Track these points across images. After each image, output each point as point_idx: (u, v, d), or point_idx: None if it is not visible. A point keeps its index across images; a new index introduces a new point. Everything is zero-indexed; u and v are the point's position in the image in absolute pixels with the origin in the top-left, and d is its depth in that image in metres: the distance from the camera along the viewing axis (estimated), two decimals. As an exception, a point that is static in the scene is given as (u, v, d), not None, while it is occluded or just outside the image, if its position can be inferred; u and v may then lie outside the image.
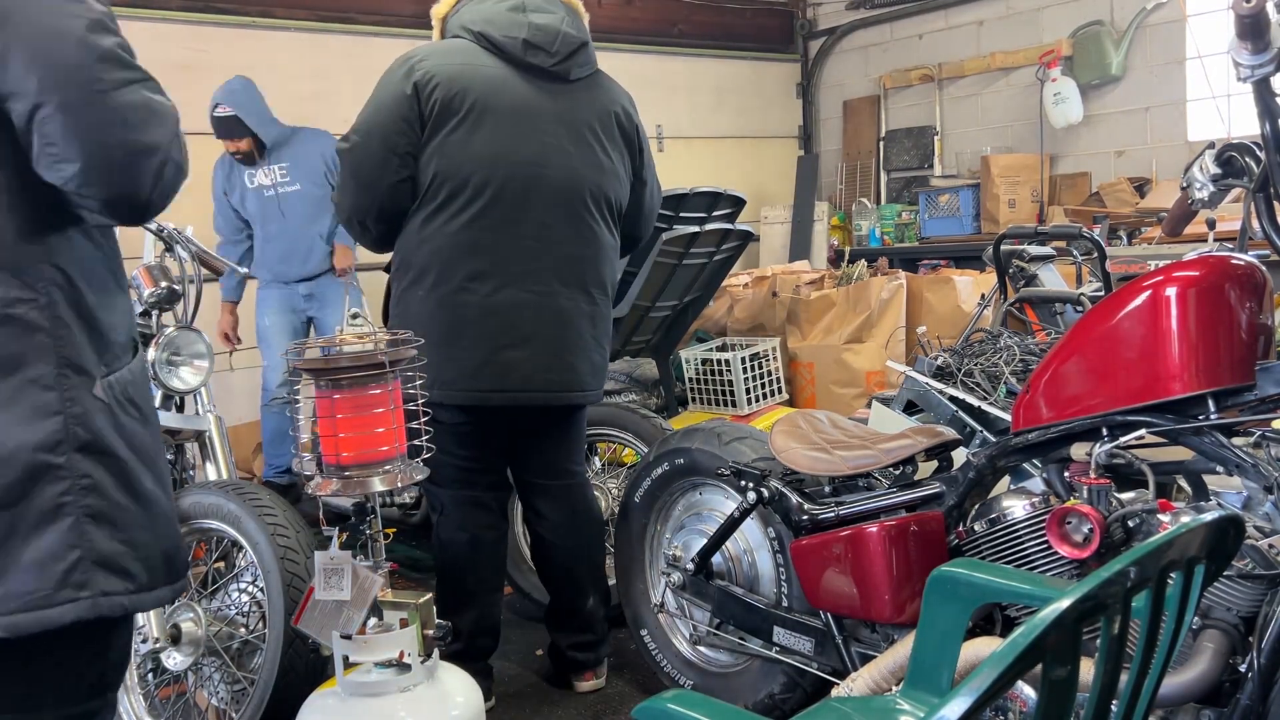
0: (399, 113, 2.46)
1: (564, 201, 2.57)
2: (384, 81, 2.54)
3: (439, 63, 2.50)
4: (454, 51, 2.54)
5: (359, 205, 2.55)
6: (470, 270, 2.50)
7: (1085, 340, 1.83)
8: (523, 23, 2.54)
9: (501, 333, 2.52)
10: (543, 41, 2.55)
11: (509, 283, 2.52)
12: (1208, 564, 1.06)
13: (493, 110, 2.50)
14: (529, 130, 2.53)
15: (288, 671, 2.20)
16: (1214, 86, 5.35)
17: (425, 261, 2.52)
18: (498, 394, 2.54)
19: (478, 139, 2.49)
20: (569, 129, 2.59)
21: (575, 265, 2.61)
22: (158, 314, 2.68)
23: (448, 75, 2.48)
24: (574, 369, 2.62)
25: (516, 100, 2.53)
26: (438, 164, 2.48)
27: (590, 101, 2.64)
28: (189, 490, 2.55)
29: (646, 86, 6.79)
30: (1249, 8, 1.59)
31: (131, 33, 1.35)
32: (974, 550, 1.94)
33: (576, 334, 2.62)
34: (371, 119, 2.50)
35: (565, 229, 2.58)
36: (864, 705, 1.57)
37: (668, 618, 2.69)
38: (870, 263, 6.05)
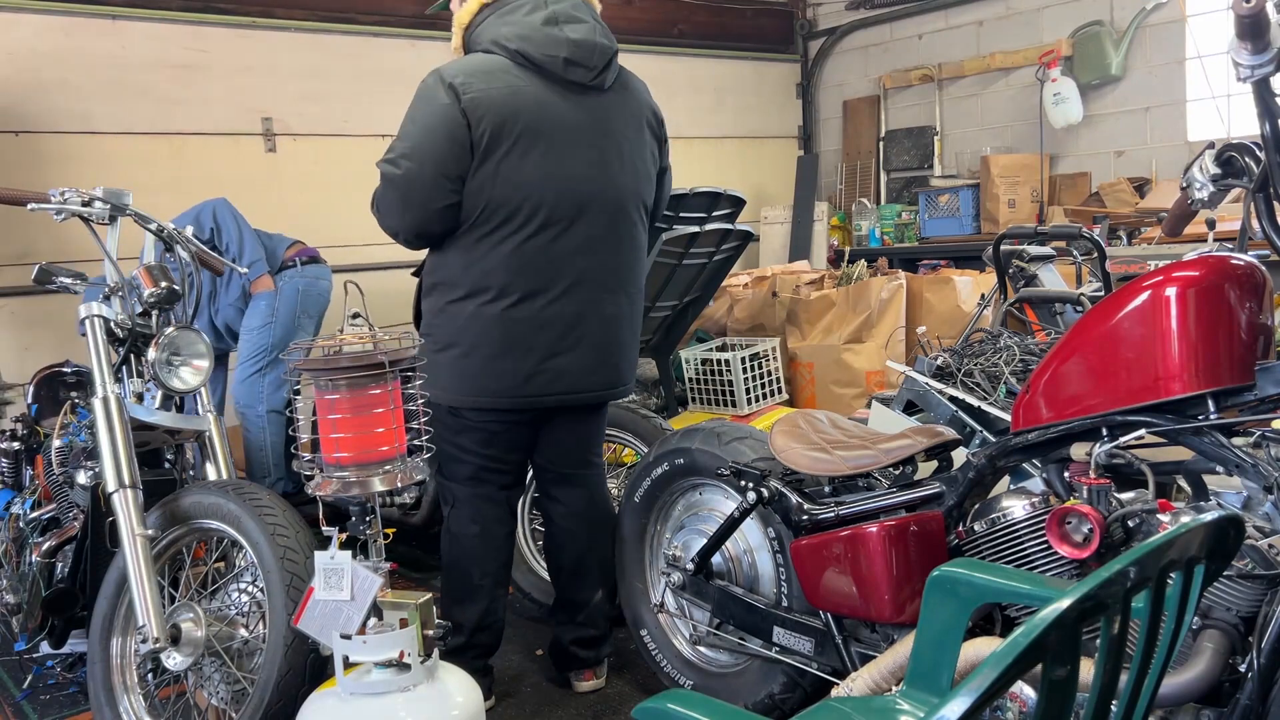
0: (452, 137, 2.45)
1: (609, 213, 2.63)
2: (428, 103, 2.49)
3: (484, 87, 2.47)
4: (495, 73, 2.51)
5: (408, 225, 2.55)
6: (523, 290, 2.54)
7: (1085, 340, 1.83)
8: (561, 39, 2.53)
9: (553, 342, 2.58)
10: (582, 58, 2.55)
11: (560, 298, 2.57)
12: (1208, 564, 1.06)
13: (540, 133, 2.51)
14: (575, 149, 2.56)
15: (288, 671, 2.20)
16: (1214, 86, 5.34)
17: (476, 280, 2.54)
18: (549, 397, 2.62)
19: (528, 164, 2.50)
20: (609, 140, 2.63)
21: (618, 272, 2.68)
22: (158, 314, 2.67)
23: (496, 101, 2.47)
24: (617, 368, 2.72)
25: (561, 120, 2.55)
26: (490, 191, 2.49)
27: (623, 106, 2.68)
28: (189, 490, 2.55)
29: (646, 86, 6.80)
30: (1249, 8, 1.59)
31: (132, 33, 1.36)
32: (974, 550, 1.94)
33: (619, 335, 2.71)
34: (422, 143, 2.47)
35: (610, 239, 2.64)
36: (864, 705, 1.57)
37: (668, 618, 2.69)
38: (870, 263, 6.05)
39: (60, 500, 3.02)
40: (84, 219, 2.68)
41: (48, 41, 4.58)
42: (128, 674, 2.51)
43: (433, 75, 2.52)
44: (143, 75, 4.77)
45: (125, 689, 2.50)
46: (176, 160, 4.86)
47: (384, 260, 4.86)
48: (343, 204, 5.01)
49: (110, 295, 2.66)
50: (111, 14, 4.69)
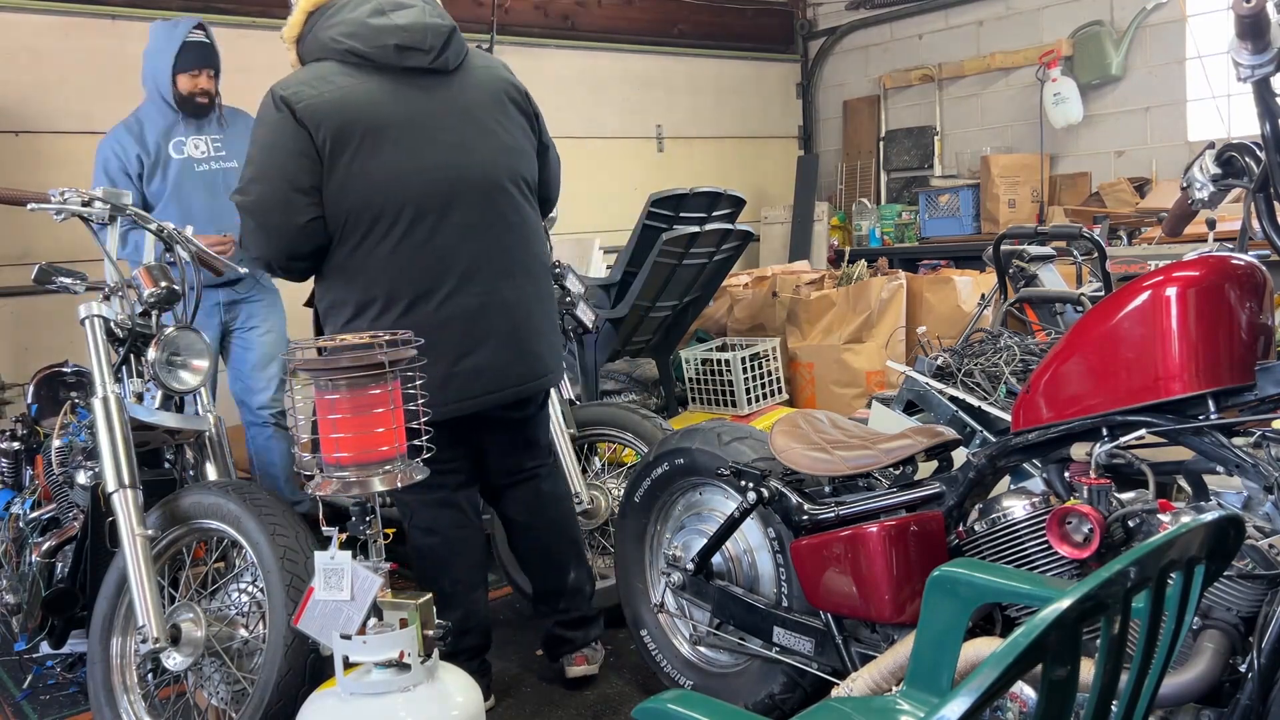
0: (295, 150, 2.37)
1: (482, 195, 2.53)
2: (264, 125, 2.42)
3: (316, 94, 2.38)
4: (325, 78, 2.42)
5: (275, 251, 2.46)
6: (412, 292, 2.46)
7: (1085, 340, 1.83)
8: (388, 27, 2.44)
9: (459, 342, 2.49)
10: (413, 41, 2.45)
11: (453, 292, 2.48)
12: (1208, 564, 1.06)
13: (386, 128, 2.42)
14: (428, 136, 2.47)
15: (288, 671, 2.20)
16: (1214, 86, 5.35)
17: (363, 294, 2.46)
18: (471, 400, 2.52)
19: (381, 163, 2.41)
20: (466, 120, 2.52)
21: (508, 254, 2.58)
22: (157, 314, 2.67)
23: (330, 106, 2.38)
24: (537, 355, 2.63)
25: (405, 110, 2.45)
26: (348, 198, 2.41)
27: (477, 85, 2.58)
28: (189, 490, 2.55)
29: (646, 86, 6.80)
30: (1249, 8, 1.59)
31: (131, 33, 1.36)
32: (974, 550, 1.94)
33: (529, 320, 2.61)
34: (267, 163, 2.39)
35: (490, 221, 2.54)
36: (864, 705, 1.57)
37: (668, 618, 2.69)
38: (870, 263, 6.06)
39: (60, 500, 3.02)
40: (84, 219, 2.68)
41: (48, 41, 4.58)
42: (128, 674, 2.51)
43: (266, 95, 2.44)
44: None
45: (125, 689, 2.50)
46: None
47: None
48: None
49: (110, 295, 2.66)
50: (111, 14, 4.69)
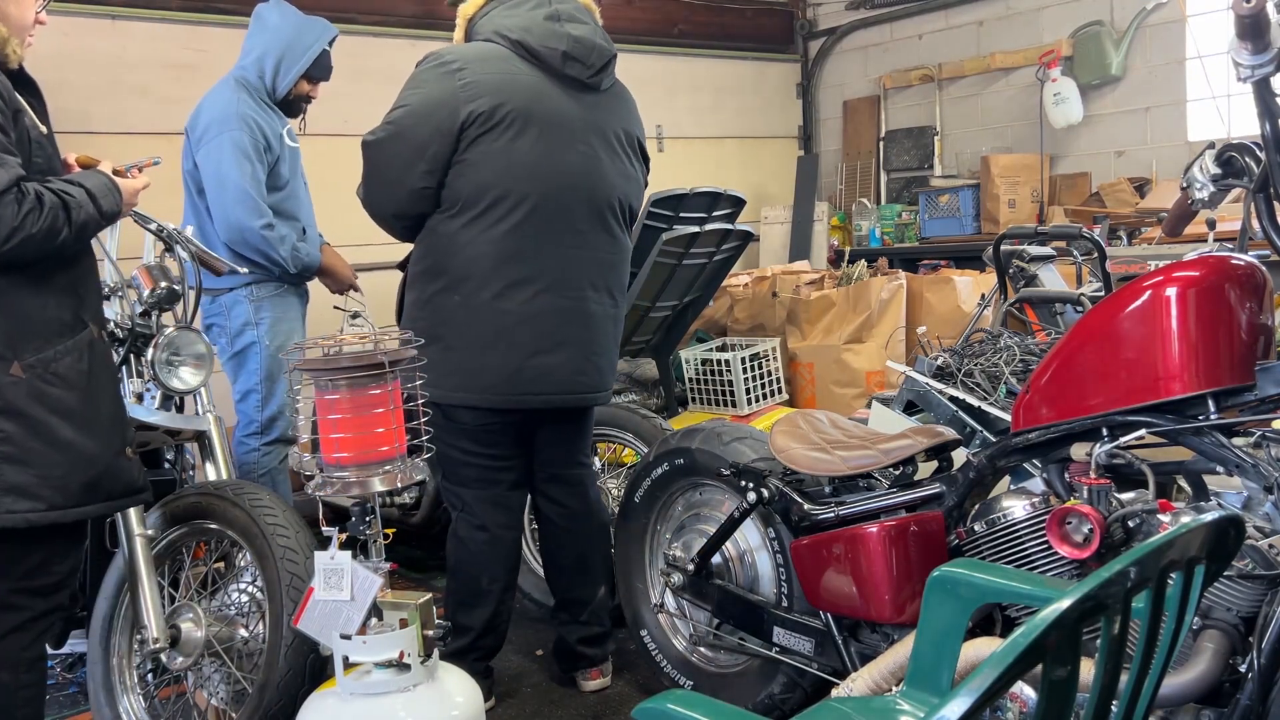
0: (436, 120, 2.46)
1: (597, 210, 2.63)
2: (422, 82, 2.51)
3: (481, 71, 2.48)
4: (492, 59, 2.52)
5: (380, 203, 2.57)
6: (510, 278, 2.52)
7: (1085, 340, 1.83)
8: (561, 34, 2.55)
9: (539, 338, 2.55)
10: (581, 54, 2.57)
11: (546, 289, 2.55)
12: (1208, 564, 1.06)
13: (533, 120, 2.51)
14: (567, 140, 2.56)
15: (288, 671, 2.20)
16: (1214, 86, 5.34)
17: (463, 268, 2.52)
18: (536, 396, 2.59)
19: (520, 149, 2.50)
20: (600, 139, 2.64)
21: (604, 270, 2.67)
22: (157, 314, 2.67)
23: (491, 85, 2.48)
24: (600, 370, 2.70)
25: (555, 110, 2.55)
26: (480, 174, 2.49)
27: (616, 111, 2.71)
28: (189, 490, 2.55)
29: (646, 86, 6.79)
30: (1249, 8, 1.59)
31: (131, 33, 1.36)
32: (974, 550, 1.94)
33: (603, 336, 2.69)
34: (405, 120, 2.48)
35: (597, 236, 2.64)
36: (864, 705, 1.57)
37: (668, 618, 2.69)
38: (870, 263, 6.05)
39: (60, 500, 3.02)
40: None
41: (48, 41, 4.56)
42: (128, 674, 2.51)
43: (430, 57, 2.53)
44: (142, 75, 4.77)
45: (125, 689, 2.50)
46: (177, 160, 4.85)
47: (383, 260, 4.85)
48: (342, 204, 4.99)
49: (110, 295, 2.66)
50: (111, 14, 4.69)
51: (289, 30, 3.50)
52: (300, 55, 3.49)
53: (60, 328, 1.97)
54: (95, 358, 2.03)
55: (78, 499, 1.97)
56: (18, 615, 1.99)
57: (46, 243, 1.89)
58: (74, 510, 1.97)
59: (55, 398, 1.93)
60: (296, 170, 3.61)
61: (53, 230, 1.89)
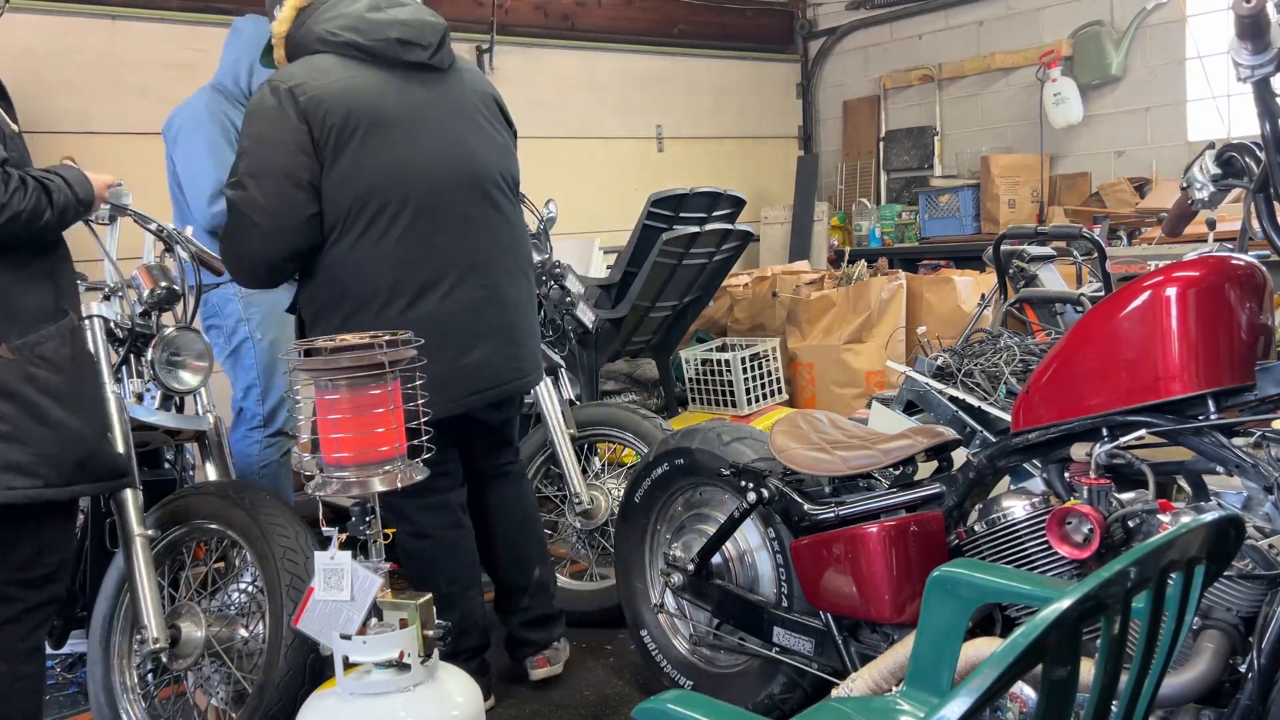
0: (294, 144, 2.35)
1: (478, 189, 2.55)
2: (261, 118, 2.39)
3: (318, 85, 2.37)
4: (326, 69, 2.41)
5: (270, 250, 2.42)
6: (416, 285, 2.44)
7: (1085, 340, 1.83)
8: (389, 21, 2.45)
9: (464, 336, 2.48)
10: (414, 36, 2.47)
11: (455, 286, 2.48)
12: (1208, 564, 1.06)
13: (388, 120, 2.42)
14: (428, 129, 2.48)
15: (288, 671, 2.20)
16: (1214, 86, 5.34)
17: (365, 287, 2.42)
18: (476, 395, 2.53)
19: (383, 154, 2.41)
20: (460, 116, 2.55)
21: (506, 250, 2.61)
22: (157, 314, 2.67)
23: (333, 96, 2.37)
24: (530, 352, 2.68)
25: (406, 103, 2.46)
26: (350, 190, 2.39)
27: (466, 84, 2.62)
28: (189, 490, 2.56)
29: (646, 86, 6.80)
30: (1249, 8, 1.59)
31: (131, 33, 1.36)
32: (974, 550, 1.94)
33: (524, 319, 2.66)
34: (266, 159, 2.36)
35: (488, 217, 2.57)
36: (864, 705, 1.57)
37: (668, 618, 2.69)
38: (870, 263, 6.05)
39: (60, 500, 3.02)
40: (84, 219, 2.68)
41: (48, 41, 4.58)
42: (128, 674, 2.51)
43: (262, 86, 2.42)
44: (142, 75, 4.77)
45: (125, 689, 2.50)
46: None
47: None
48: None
49: (110, 295, 2.66)
50: (111, 14, 4.69)
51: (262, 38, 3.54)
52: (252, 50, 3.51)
53: (43, 313, 2.04)
54: (77, 343, 2.11)
55: (70, 477, 2.03)
56: (12, 607, 2.03)
57: (31, 223, 1.96)
58: (67, 489, 2.04)
59: (43, 379, 1.99)
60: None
61: (37, 210, 1.97)
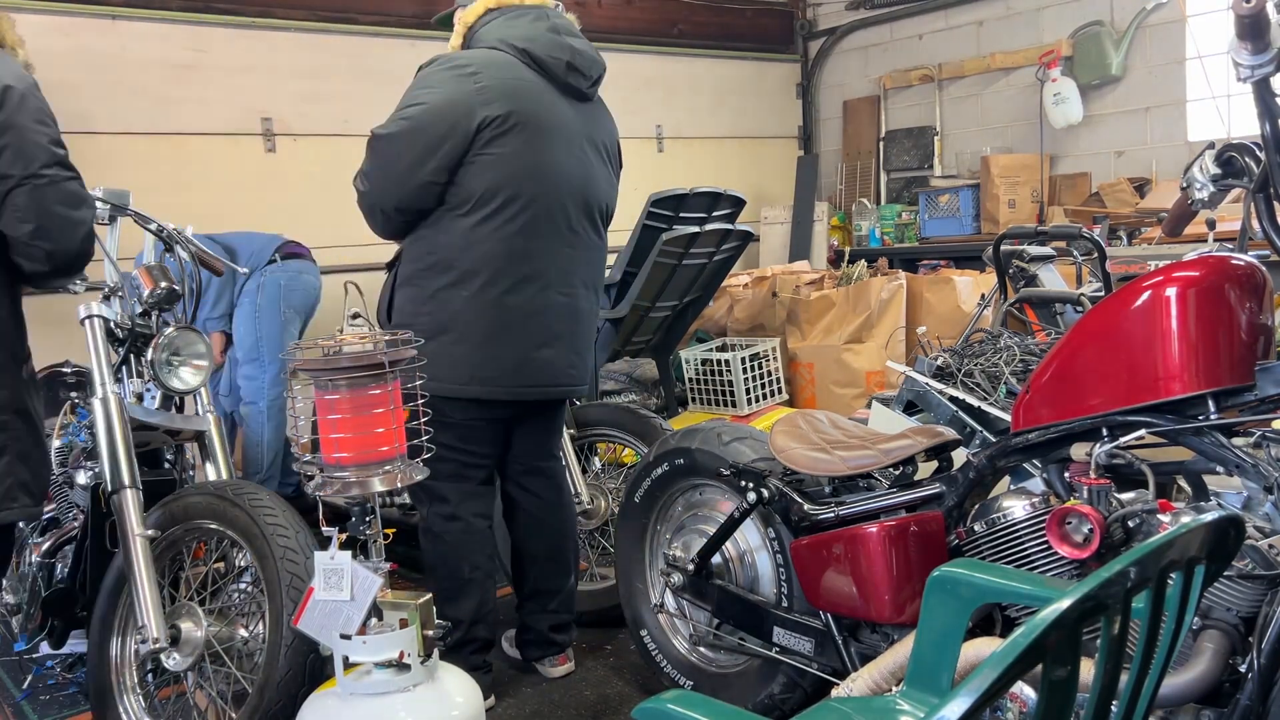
0: (453, 119, 2.51)
1: (588, 212, 2.76)
2: (437, 82, 2.56)
3: (493, 76, 2.56)
4: (502, 65, 2.60)
5: (384, 195, 2.59)
6: (518, 274, 2.62)
7: (1085, 340, 1.83)
8: (565, 45, 2.67)
9: (540, 332, 2.66)
10: (582, 65, 2.70)
11: (548, 286, 2.67)
12: (1208, 564, 1.06)
13: (540, 126, 2.61)
14: (567, 145, 2.68)
15: (288, 671, 2.20)
16: (1214, 86, 5.34)
17: (474, 264, 2.58)
18: (535, 389, 2.69)
19: (530, 152, 2.59)
20: (591, 146, 2.77)
21: (592, 269, 2.82)
22: (157, 314, 2.67)
23: (503, 90, 2.56)
24: (586, 364, 2.83)
25: (558, 117, 2.67)
26: (494, 174, 2.56)
27: (602, 121, 2.86)
28: (189, 490, 2.55)
29: (646, 86, 6.80)
30: (1249, 8, 1.59)
31: (132, 33, 1.36)
32: (974, 550, 1.94)
33: (588, 331, 2.83)
34: (423, 117, 2.52)
35: (588, 236, 2.78)
36: (864, 705, 1.57)
37: (668, 618, 2.69)
38: (870, 263, 6.06)
39: (60, 500, 3.02)
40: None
41: (48, 41, 4.57)
42: (127, 674, 2.51)
43: (440, 60, 2.61)
44: (142, 75, 4.77)
45: (125, 689, 2.50)
46: (176, 160, 4.86)
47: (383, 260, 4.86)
48: (342, 204, 4.98)
49: (110, 295, 2.66)
50: (111, 14, 4.69)
51: None
52: None
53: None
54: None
55: (41, 498, 2.21)
56: None
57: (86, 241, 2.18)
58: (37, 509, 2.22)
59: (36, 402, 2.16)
60: None
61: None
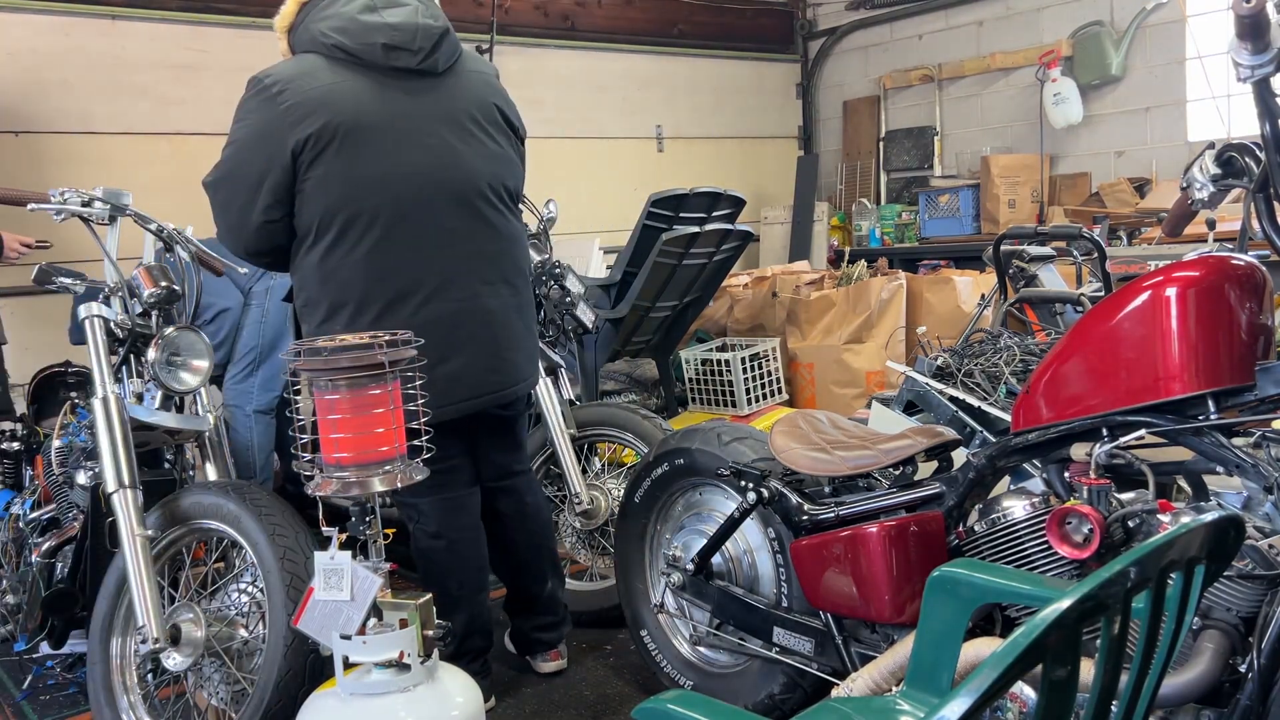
0: (267, 151, 2.35)
1: (463, 200, 2.50)
2: (246, 113, 2.40)
3: (301, 89, 2.35)
4: (313, 72, 2.39)
5: (233, 242, 2.51)
6: (387, 296, 2.42)
7: (1085, 340, 1.83)
8: (378, 25, 2.41)
9: (435, 349, 2.38)
10: (402, 41, 2.42)
11: (431, 297, 2.46)
12: (1208, 564, 1.06)
13: (367, 129, 2.39)
14: (410, 138, 2.43)
15: (288, 672, 2.20)
16: (1214, 86, 5.35)
17: (336, 296, 2.42)
18: (449, 408, 2.46)
19: (361, 163, 2.38)
20: (449, 124, 2.49)
21: (490, 261, 2.56)
22: (157, 314, 2.67)
23: (314, 102, 2.35)
24: (514, 363, 2.63)
25: (389, 110, 2.42)
26: (325, 198, 2.37)
27: (465, 90, 2.55)
28: (189, 490, 2.55)
29: (646, 86, 6.80)
30: (1249, 8, 1.59)
31: (131, 33, 1.36)
32: (974, 550, 1.94)
33: (508, 329, 2.60)
34: (236, 156, 2.41)
35: (471, 227, 2.52)
36: (864, 705, 1.57)
37: (668, 618, 2.69)
38: (870, 263, 6.06)
39: (60, 500, 3.02)
40: (84, 219, 2.68)
41: (48, 41, 4.58)
42: (128, 674, 2.51)
43: (251, 82, 2.42)
44: (142, 75, 4.77)
45: (125, 689, 2.50)
46: (176, 160, 4.86)
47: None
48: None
49: (110, 295, 2.66)
50: (111, 14, 4.69)
51: None
52: None
53: None
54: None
55: None
56: None
57: None
58: None
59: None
60: None
61: None
